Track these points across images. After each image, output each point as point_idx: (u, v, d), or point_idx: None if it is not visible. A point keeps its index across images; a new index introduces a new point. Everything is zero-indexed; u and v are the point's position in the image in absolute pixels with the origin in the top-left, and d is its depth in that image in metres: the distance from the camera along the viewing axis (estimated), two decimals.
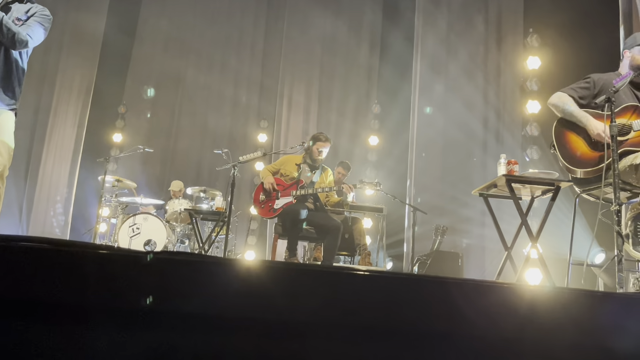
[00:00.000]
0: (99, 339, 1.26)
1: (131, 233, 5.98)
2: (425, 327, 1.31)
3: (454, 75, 7.32)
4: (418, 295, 1.34)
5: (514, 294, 1.37)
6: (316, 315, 1.31)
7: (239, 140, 8.14)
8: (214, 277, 1.33)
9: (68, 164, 7.63)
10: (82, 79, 7.89)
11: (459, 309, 1.34)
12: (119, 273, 1.30)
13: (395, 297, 1.33)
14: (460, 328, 1.32)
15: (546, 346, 1.32)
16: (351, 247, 5.58)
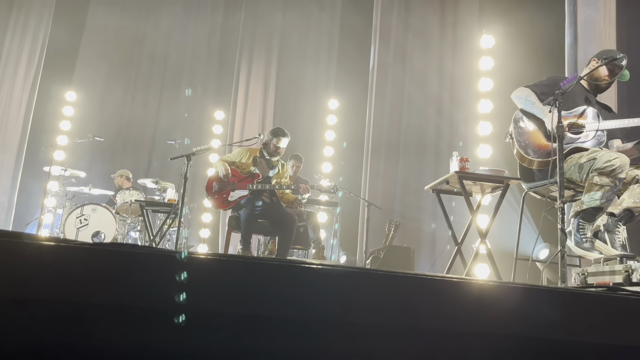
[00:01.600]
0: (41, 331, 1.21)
1: (79, 224, 5.78)
2: (376, 320, 1.32)
3: (411, 73, 7.42)
4: (371, 289, 1.35)
5: (463, 288, 1.40)
6: (270, 309, 1.30)
7: (193, 131, 7.98)
8: (162, 270, 1.30)
9: (13, 152, 7.28)
10: (29, 63, 7.53)
11: (409, 303, 1.36)
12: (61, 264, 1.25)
13: (348, 291, 1.34)
14: (411, 321, 1.34)
15: (492, 339, 1.36)
16: (305, 241, 5.58)
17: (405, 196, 6.99)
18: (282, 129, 4.89)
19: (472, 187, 3.75)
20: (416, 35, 7.50)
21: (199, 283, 1.29)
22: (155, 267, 1.30)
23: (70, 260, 1.26)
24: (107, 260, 1.28)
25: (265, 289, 1.31)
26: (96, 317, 1.23)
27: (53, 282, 1.23)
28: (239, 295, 1.31)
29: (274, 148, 4.81)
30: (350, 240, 7.13)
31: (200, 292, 1.29)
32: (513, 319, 1.38)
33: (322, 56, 8.38)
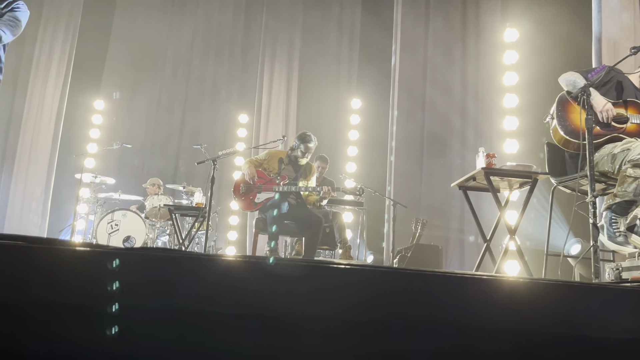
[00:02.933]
0: (74, 334, 1.24)
1: (110, 230, 5.90)
2: (407, 319, 1.32)
3: (433, 69, 7.37)
4: (399, 288, 1.35)
5: (493, 285, 1.39)
6: (299, 310, 1.31)
7: (218, 135, 8.07)
8: (194, 273, 1.32)
9: (45, 160, 7.48)
10: (58, 73, 7.73)
11: (439, 301, 1.36)
12: (97, 269, 1.28)
13: (378, 290, 1.34)
14: (441, 320, 1.33)
15: (524, 336, 1.34)
16: (332, 242, 5.59)
17: (431, 194, 6.93)
18: (309, 134, 4.91)
19: (500, 183, 3.70)
20: (438, 31, 7.44)
21: (227, 285, 1.31)
22: (186, 269, 1.32)
23: (103, 265, 1.30)
24: (139, 264, 1.31)
25: (293, 291, 1.33)
26: (131, 320, 1.26)
27: (86, 286, 1.27)
28: (266, 296, 1.32)
29: (301, 153, 4.85)
30: (376, 239, 7.10)
31: (230, 295, 1.31)
32: (546, 316, 1.37)
33: (343, 55, 8.38)
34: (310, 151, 4.88)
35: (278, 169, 4.84)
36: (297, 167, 4.92)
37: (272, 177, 4.80)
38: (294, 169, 4.92)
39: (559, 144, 3.14)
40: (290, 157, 4.91)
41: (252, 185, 4.76)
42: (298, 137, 4.92)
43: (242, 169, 4.90)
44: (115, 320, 1.25)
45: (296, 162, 4.90)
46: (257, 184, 4.76)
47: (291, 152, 4.91)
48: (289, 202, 4.76)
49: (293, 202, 4.81)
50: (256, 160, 4.95)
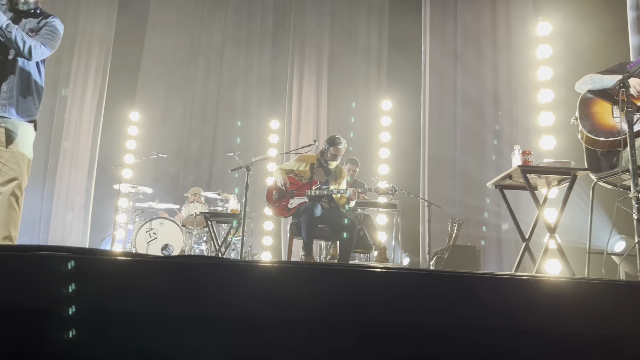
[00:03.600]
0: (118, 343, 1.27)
1: (148, 238, 6.04)
2: (446, 321, 1.30)
3: (464, 67, 7.27)
4: (437, 291, 1.33)
5: (534, 286, 1.36)
6: (336, 314, 1.31)
7: (250, 142, 8.16)
8: (232, 279, 1.34)
9: (85, 172, 7.71)
10: (95, 87, 7.96)
11: (478, 303, 1.34)
12: (137, 278, 1.32)
13: (414, 293, 1.33)
14: (481, 322, 1.31)
15: (568, 338, 1.31)
16: (366, 244, 5.58)
17: (467, 194, 6.83)
18: (337, 137, 4.92)
19: (537, 180, 3.61)
20: (467, 28, 7.34)
21: (264, 290, 1.32)
22: (223, 275, 1.34)
23: (144, 273, 1.33)
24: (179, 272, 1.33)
25: (330, 294, 1.33)
26: (171, 326, 1.29)
27: (128, 295, 1.30)
28: (302, 301, 1.32)
29: (331, 156, 4.87)
30: (412, 241, 7.04)
31: (267, 300, 1.32)
32: (589, 316, 1.33)
33: (372, 57, 8.35)
34: (339, 153, 4.90)
35: (309, 174, 4.87)
36: (328, 170, 4.94)
37: (303, 182, 4.83)
38: (325, 172, 4.94)
39: (588, 145, 3.08)
40: (320, 161, 4.94)
41: (285, 191, 4.81)
42: (327, 141, 4.94)
43: (274, 176, 4.95)
44: (156, 327, 1.28)
45: (326, 165, 4.92)
46: (289, 190, 4.80)
47: (321, 156, 4.94)
48: (321, 206, 4.78)
49: (326, 206, 4.82)
50: (287, 167, 4.99)
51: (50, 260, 1.30)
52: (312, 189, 4.77)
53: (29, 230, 7.06)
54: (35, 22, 3.06)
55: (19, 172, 2.95)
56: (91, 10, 8.01)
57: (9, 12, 2.99)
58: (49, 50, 3.03)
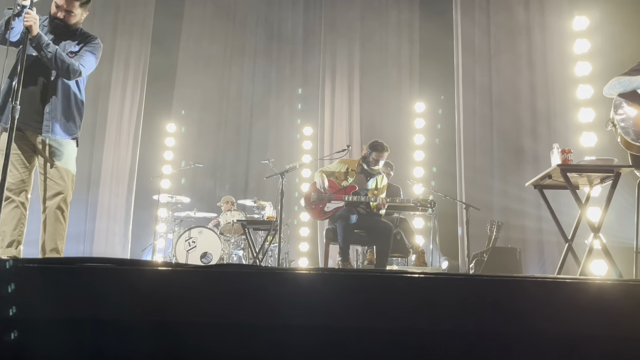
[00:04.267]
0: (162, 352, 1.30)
1: (187, 247, 6.14)
2: (490, 327, 1.28)
3: (498, 64, 7.14)
4: (478, 295, 1.31)
5: (579, 288, 1.32)
6: (375, 320, 1.30)
7: (284, 149, 8.22)
8: (270, 286, 1.35)
9: (125, 184, 7.92)
10: (132, 101, 8.18)
11: (521, 307, 1.31)
12: (178, 287, 1.34)
13: (453, 299, 1.31)
14: (525, 326, 1.28)
15: (618, 343, 1.26)
16: (404, 249, 5.53)
17: (506, 194, 6.69)
18: (380, 142, 4.91)
19: (579, 179, 3.51)
20: (501, 27, 7.21)
21: (301, 297, 1.33)
22: (262, 283, 1.35)
23: (184, 282, 1.35)
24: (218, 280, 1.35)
25: (366, 299, 1.32)
26: (206, 334, 1.31)
27: (169, 304, 1.33)
28: (340, 307, 1.32)
29: (373, 162, 4.85)
30: (450, 244, 6.94)
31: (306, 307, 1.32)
32: (638, 319, 1.28)
33: (404, 60, 8.31)
34: (382, 158, 4.87)
35: (350, 178, 4.89)
36: (369, 175, 4.92)
37: (342, 186, 4.84)
38: (366, 177, 4.92)
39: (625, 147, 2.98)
40: (362, 166, 4.93)
41: (323, 194, 4.82)
42: (369, 146, 4.92)
43: (315, 178, 4.97)
44: (197, 336, 1.30)
45: (368, 171, 4.90)
46: (327, 193, 4.81)
47: (363, 160, 4.93)
48: (358, 211, 4.77)
49: (362, 212, 4.81)
50: (328, 169, 5.00)
51: (96, 272, 1.34)
52: (350, 194, 4.77)
53: (74, 243, 7.28)
54: (75, 42, 3.18)
55: (64, 186, 3.07)
56: (127, 27, 8.25)
57: (50, 34, 3.11)
58: (88, 69, 3.14)
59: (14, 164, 2.98)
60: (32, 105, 2.99)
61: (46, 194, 3.05)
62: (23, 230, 3.03)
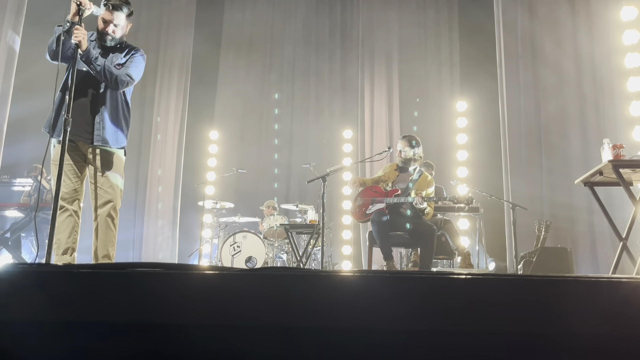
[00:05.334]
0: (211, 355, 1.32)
1: (232, 251, 6.24)
2: (541, 329, 1.24)
3: (543, 60, 6.93)
4: (527, 296, 1.28)
5: (636, 288, 1.26)
6: (419, 322, 1.29)
7: (325, 153, 8.25)
8: (314, 289, 1.35)
9: (171, 191, 8.12)
10: (176, 109, 8.39)
11: (574, 308, 1.26)
12: (225, 291, 1.36)
13: (501, 300, 1.28)
14: (579, 328, 1.24)
15: None
16: (449, 250, 5.44)
17: (554, 193, 6.48)
18: (406, 135, 4.91)
19: (632, 175, 3.37)
20: (544, 19, 7.00)
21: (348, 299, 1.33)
22: (306, 286, 1.36)
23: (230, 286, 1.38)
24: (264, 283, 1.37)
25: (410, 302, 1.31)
26: (258, 338, 1.32)
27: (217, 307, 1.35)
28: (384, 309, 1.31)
29: (399, 154, 4.86)
30: (497, 245, 6.77)
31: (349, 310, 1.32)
32: None
33: (444, 59, 8.20)
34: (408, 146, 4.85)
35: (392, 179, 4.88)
36: (404, 169, 4.90)
37: (387, 190, 4.84)
38: (406, 176, 4.90)
39: None
40: (398, 164, 4.94)
41: (368, 199, 4.83)
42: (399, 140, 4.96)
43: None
44: (244, 339, 1.32)
45: (404, 166, 4.90)
46: (372, 197, 4.82)
47: (399, 157, 4.93)
48: (400, 212, 4.73)
49: (405, 213, 4.76)
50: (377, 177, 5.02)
51: (146, 276, 1.38)
52: (392, 197, 4.74)
53: (124, 249, 7.52)
54: (122, 55, 3.29)
55: (113, 195, 3.18)
56: (170, 39, 8.48)
57: (98, 48, 3.24)
58: (134, 80, 3.25)
59: (67, 174, 3.11)
60: (82, 117, 3.12)
61: (97, 203, 3.17)
62: (76, 237, 3.15)
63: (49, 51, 3.11)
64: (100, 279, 1.38)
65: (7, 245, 5.22)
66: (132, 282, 1.37)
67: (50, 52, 3.10)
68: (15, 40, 7.10)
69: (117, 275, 1.39)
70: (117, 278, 1.38)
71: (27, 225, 5.33)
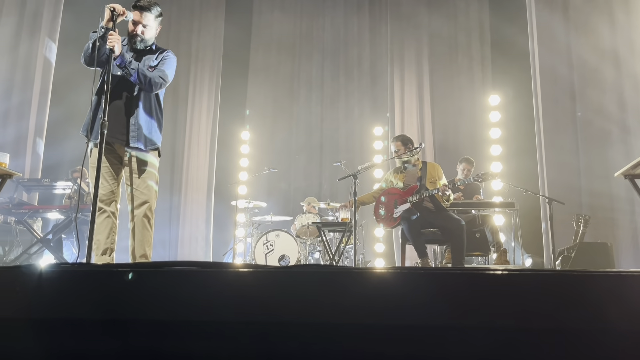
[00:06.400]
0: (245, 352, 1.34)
1: (266, 250, 6.30)
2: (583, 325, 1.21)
3: (578, 50, 6.74)
4: (565, 291, 1.25)
5: None
6: (456, 319, 1.27)
7: (355, 150, 8.24)
8: (349, 285, 1.35)
9: (205, 191, 8.25)
10: (208, 110, 8.51)
11: (612, 303, 1.23)
12: (259, 288, 1.38)
13: (538, 296, 1.25)
14: (622, 324, 1.20)
15: None
16: (484, 246, 5.35)
17: (592, 186, 6.30)
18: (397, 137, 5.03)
19: None
20: (578, 8, 6.80)
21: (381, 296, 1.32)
22: (339, 283, 1.36)
23: (266, 283, 1.39)
24: (297, 281, 1.38)
25: (445, 298, 1.29)
26: (292, 335, 1.33)
27: (252, 305, 1.36)
28: (418, 306, 1.30)
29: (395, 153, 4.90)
30: (533, 241, 6.62)
31: (385, 305, 1.31)
32: None
33: (474, 52, 8.07)
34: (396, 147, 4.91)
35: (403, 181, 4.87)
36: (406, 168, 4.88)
37: (404, 190, 4.81)
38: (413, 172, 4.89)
39: None
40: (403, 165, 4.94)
41: (389, 204, 4.81)
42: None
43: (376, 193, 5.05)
44: (279, 336, 1.33)
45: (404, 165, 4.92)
46: (393, 201, 4.80)
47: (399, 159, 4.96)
48: (427, 208, 4.70)
49: (430, 208, 4.72)
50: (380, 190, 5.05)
51: (182, 275, 1.41)
52: (412, 196, 4.71)
53: (160, 248, 7.68)
54: (153, 57, 3.36)
55: (149, 195, 3.25)
56: (202, 41, 8.60)
57: (130, 52, 3.32)
58: (167, 81, 3.32)
59: (104, 176, 3.20)
60: (118, 119, 3.19)
61: (133, 204, 3.24)
62: (114, 238, 3.24)
63: (84, 56, 3.20)
64: (138, 278, 1.41)
65: (50, 246, 5.40)
66: (169, 280, 1.40)
67: (85, 57, 3.19)
68: (52, 48, 7.34)
69: (155, 274, 1.42)
70: (154, 277, 1.41)
71: (67, 226, 5.50)
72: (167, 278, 1.41)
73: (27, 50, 7.12)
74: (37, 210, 5.52)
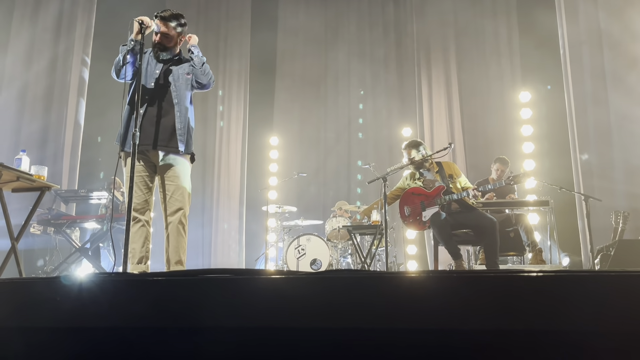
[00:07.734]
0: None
1: (297, 254, 6.32)
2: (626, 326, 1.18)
3: (611, 44, 6.56)
4: (600, 292, 1.21)
5: None
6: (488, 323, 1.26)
7: (384, 152, 8.19)
8: (383, 290, 1.35)
9: (237, 197, 8.34)
10: (237, 118, 8.62)
11: None
12: (292, 294, 1.39)
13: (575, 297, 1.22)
14: None
15: None
16: (519, 246, 5.25)
17: (630, 181, 6.12)
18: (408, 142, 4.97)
19: None
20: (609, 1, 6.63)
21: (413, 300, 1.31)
22: (372, 288, 1.36)
23: (299, 289, 1.40)
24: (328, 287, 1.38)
25: (478, 301, 1.28)
26: (325, 340, 1.33)
27: (285, 311, 1.37)
28: (453, 310, 1.29)
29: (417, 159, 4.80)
30: (570, 239, 6.46)
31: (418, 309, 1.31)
32: None
33: (502, 48, 7.94)
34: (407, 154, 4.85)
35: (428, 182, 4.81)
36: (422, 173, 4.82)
37: (429, 190, 4.75)
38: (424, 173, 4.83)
39: None
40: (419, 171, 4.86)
41: (416, 205, 4.75)
42: None
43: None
44: (313, 341, 1.33)
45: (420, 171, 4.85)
46: (420, 202, 4.74)
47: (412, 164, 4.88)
48: (455, 209, 4.63)
49: (457, 209, 4.65)
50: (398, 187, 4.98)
51: (217, 282, 1.43)
52: (441, 197, 4.64)
53: (193, 255, 7.80)
54: (187, 65, 3.42)
55: (182, 202, 3.30)
56: (228, 49, 8.72)
57: (159, 63, 3.38)
58: (213, 83, 3.52)
59: (138, 185, 3.26)
60: (152, 128, 3.25)
61: (167, 211, 3.29)
62: (149, 246, 3.30)
63: (115, 69, 3.27)
64: (174, 286, 1.44)
65: (88, 255, 5.54)
66: (204, 288, 1.42)
67: (116, 70, 3.26)
68: (86, 62, 7.58)
69: (190, 281, 1.45)
70: (190, 284, 1.44)
71: (104, 236, 5.64)
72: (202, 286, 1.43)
73: (62, 68, 7.40)
74: (74, 221, 5.68)
